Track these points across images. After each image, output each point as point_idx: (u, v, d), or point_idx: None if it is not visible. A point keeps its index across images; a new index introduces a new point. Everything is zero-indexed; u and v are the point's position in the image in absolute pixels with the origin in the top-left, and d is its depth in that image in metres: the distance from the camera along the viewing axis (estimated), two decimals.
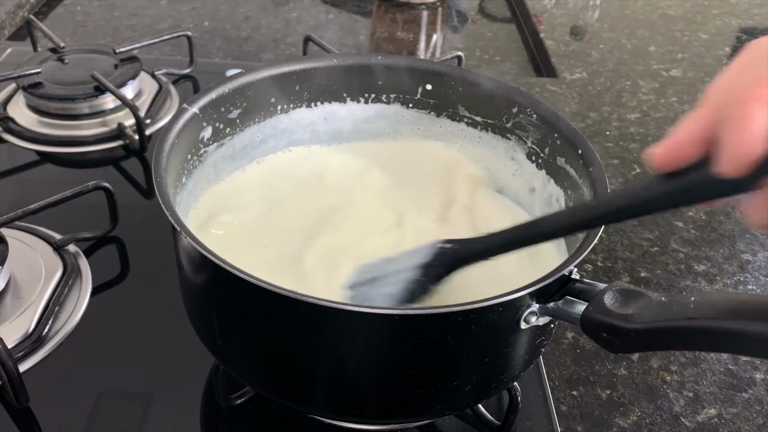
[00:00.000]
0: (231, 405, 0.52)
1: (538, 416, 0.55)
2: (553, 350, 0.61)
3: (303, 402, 0.47)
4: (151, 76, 0.91)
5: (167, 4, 1.19)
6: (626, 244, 0.74)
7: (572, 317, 0.41)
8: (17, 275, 0.61)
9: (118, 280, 0.64)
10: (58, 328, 0.58)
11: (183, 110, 0.52)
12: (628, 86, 1.03)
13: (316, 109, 0.61)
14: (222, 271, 0.39)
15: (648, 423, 0.56)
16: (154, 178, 0.45)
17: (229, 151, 0.58)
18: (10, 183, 0.76)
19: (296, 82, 0.59)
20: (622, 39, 1.18)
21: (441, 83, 0.60)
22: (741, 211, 0.78)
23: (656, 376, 0.60)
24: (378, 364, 0.43)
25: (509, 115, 0.58)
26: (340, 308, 0.38)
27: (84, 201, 0.65)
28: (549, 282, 0.40)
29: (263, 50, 1.08)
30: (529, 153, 0.58)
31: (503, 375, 0.46)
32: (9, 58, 0.95)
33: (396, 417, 0.47)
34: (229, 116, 0.56)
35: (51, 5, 1.17)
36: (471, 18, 1.27)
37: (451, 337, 0.41)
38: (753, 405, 0.58)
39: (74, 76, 0.84)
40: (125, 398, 0.54)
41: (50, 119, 0.82)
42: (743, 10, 1.32)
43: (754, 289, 0.70)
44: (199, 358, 0.54)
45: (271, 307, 0.41)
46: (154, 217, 0.70)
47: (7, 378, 0.51)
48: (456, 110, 0.61)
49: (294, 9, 1.22)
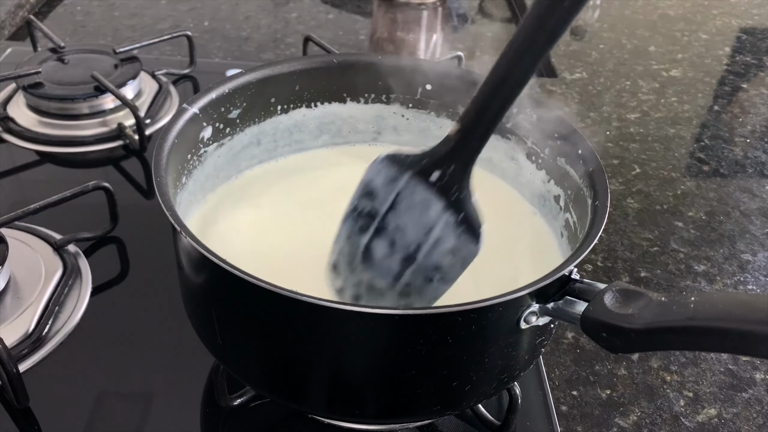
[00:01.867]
0: (231, 405, 0.52)
1: (538, 416, 0.55)
2: (553, 350, 0.61)
3: (303, 402, 0.47)
4: (151, 76, 0.91)
5: (167, 4, 1.19)
6: (626, 244, 0.74)
7: (572, 317, 0.41)
8: (17, 275, 0.61)
9: (118, 280, 0.64)
10: (58, 328, 0.58)
11: (183, 110, 0.52)
12: (628, 86, 1.03)
13: (316, 109, 0.61)
14: (222, 271, 0.39)
15: (648, 423, 0.56)
16: (154, 178, 0.45)
17: (230, 151, 0.58)
18: (10, 183, 0.76)
19: (296, 82, 0.59)
20: (622, 39, 1.18)
21: (441, 83, 0.60)
22: None
23: (656, 376, 0.60)
24: (378, 364, 0.43)
25: (509, 116, 0.58)
26: (340, 308, 0.38)
27: (84, 201, 0.65)
28: (549, 282, 0.40)
29: (263, 50, 1.08)
30: (529, 153, 0.58)
31: (503, 375, 0.46)
32: (9, 58, 0.95)
33: (396, 417, 0.47)
34: (229, 116, 0.56)
35: (51, 5, 1.17)
36: (471, 18, 1.27)
37: (451, 337, 0.41)
38: (753, 405, 0.58)
39: (74, 76, 0.84)
40: (125, 398, 0.54)
41: (50, 119, 0.82)
42: (743, 10, 1.32)
43: (754, 289, 0.70)
44: (199, 358, 0.54)
45: (271, 307, 0.41)
46: (154, 217, 0.70)
47: (7, 378, 0.51)
48: (456, 110, 0.61)
49: (294, 9, 1.22)
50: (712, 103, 1.02)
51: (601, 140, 0.91)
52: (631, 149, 0.89)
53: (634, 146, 0.90)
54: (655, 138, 0.92)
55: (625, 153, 0.89)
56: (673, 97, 1.02)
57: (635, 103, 0.99)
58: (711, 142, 0.93)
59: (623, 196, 0.81)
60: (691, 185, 0.84)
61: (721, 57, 1.14)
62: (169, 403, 0.54)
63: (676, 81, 1.06)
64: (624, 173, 0.85)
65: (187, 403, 0.54)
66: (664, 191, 0.83)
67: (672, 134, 0.93)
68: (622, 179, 0.84)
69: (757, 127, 0.97)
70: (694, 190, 0.84)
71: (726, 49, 1.17)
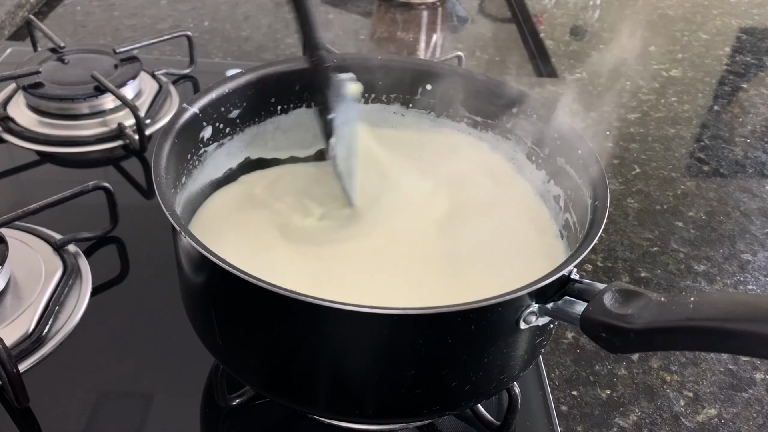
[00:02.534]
0: (231, 405, 0.52)
1: (538, 416, 0.55)
2: (554, 350, 0.61)
3: (302, 402, 0.47)
4: (151, 76, 0.91)
5: (167, 4, 1.19)
6: (626, 244, 0.74)
7: (571, 317, 0.41)
8: (17, 275, 0.61)
9: (118, 280, 0.64)
10: (58, 328, 0.58)
11: (183, 110, 0.52)
12: (628, 86, 1.03)
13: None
14: (222, 271, 0.39)
15: (648, 423, 0.56)
16: (154, 178, 0.45)
17: (230, 151, 0.58)
18: (10, 183, 0.76)
19: (296, 81, 0.59)
20: (622, 39, 1.17)
21: (441, 83, 0.60)
22: None
23: (656, 376, 0.60)
24: (377, 364, 0.43)
25: (509, 116, 0.58)
26: (340, 308, 0.38)
27: (84, 201, 0.65)
28: (548, 282, 0.40)
29: (263, 50, 1.08)
30: (529, 153, 0.58)
31: (502, 375, 0.46)
32: (9, 58, 0.95)
33: (395, 417, 0.47)
34: (229, 116, 0.56)
35: (51, 5, 1.17)
36: (471, 18, 1.27)
37: (451, 337, 0.41)
38: (753, 405, 0.58)
39: (74, 76, 0.85)
40: (125, 398, 0.54)
41: (50, 119, 0.82)
42: (743, 10, 1.32)
43: (754, 289, 0.70)
44: (199, 358, 0.54)
45: (270, 307, 0.41)
46: (155, 217, 0.70)
47: (7, 378, 0.51)
48: (456, 110, 0.61)
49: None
50: (712, 103, 1.02)
51: (601, 140, 0.91)
52: (631, 149, 0.89)
53: (634, 146, 0.90)
54: (655, 138, 0.92)
55: (625, 153, 0.89)
56: (673, 97, 1.02)
57: (635, 103, 0.99)
58: (711, 142, 0.93)
59: (623, 196, 0.81)
60: (691, 185, 0.84)
61: (721, 57, 1.15)
62: (169, 403, 0.54)
63: (676, 81, 1.06)
64: (624, 173, 0.85)
65: (186, 403, 0.54)
66: (664, 191, 0.83)
67: (672, 134, 0.93)
68: (622, 179, 0.84)
69: (757, 127, 0.97)
70: (694, 190, 0.84)
71: (726, 49, 1.17)
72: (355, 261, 0.52)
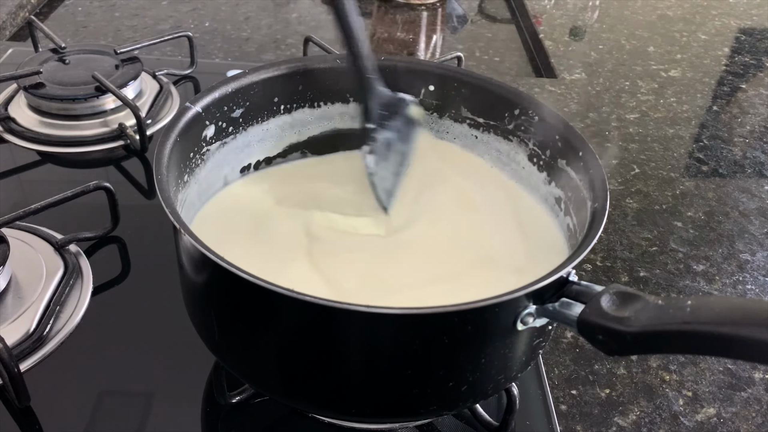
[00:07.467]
0: (231, 403, 0.53)
1: (537, 415, 0.55)
2: (553, 349, 0.62)
3: (302, 401, 0.47)
4: (152, 76, 0.91)
5: (168, 5, 1.19)
6: (625, 244, 0.74)
7: (569, 319, 0.41)
8: (18, 275, 0.61)
9: (119, 279, 0.65)
10: (59, 328, 0.58)
11: (186, 109, 0.52)
12: (627, 87, 1.04)
13: (319, 109, 0.61)
14: (222, 270, 0.40)
15: (647, 422, 0.57)
16: (155, 176, 0.45)
17: (232, 151, 0.58)
18: (11, 183, 0.76)
19: (300, 82, 0.59)
20: (621, 39, 1.18)
21: (444, 85, 0.60)
22: None
23: (655, 375, 0.61)
24: (375, 364, 0.43)
25: (511, 117, 0.58)
26: (339, 308, 0.38)
27: (85, 201, 0.65)
28: (546, 284, 0.40)
29: (264, 51, 1.08)
30: (531, 155, 0.58)
31: (500, 376, 0.46)
32: (10, 58, 0.95)
33: (392, 416, 0.47)
34: (231, 115, 0.56)
35: (52, 6, 1.17)
36: (471, 18, 1.28)
37: (448, 337, 0.41)
38: (752, 404, 0.59)
39: (75, 77, 0.85)
40: (126, 397, 0.55)
41: (51, 119, 0.83)
42: (742, 10, 1.32)
43: (753, 288, 0.71)
44: (200, 357, 0.54)
45: (270, 307, 0.42)
46: (155, 217, 0.70)
47: (8, 377, 0.51)
48: (459, 112, 0.61)
49: (294, 9, 1.22)
50: (711, 104, 1.02)
51: (601, 141, 0.91)
52: (631, 149, 0.90)
53: (634, 146, 0.90)
54: (654, 138, 0.92)
55: (624, 153, 0.89)
56: (672, 97, 1.02)
57: (634, 104, 0.99)
58: (710, 142, 0.93)
59: (622, 196, 0.81)
60: (690, 185, 0.85)
61: (720, 57, 1.15)
62: (170, 401, 0.55)
63: (675, 81, 1.06)
64: (623, 173, 0.85)
65: (187, 401, 0.55)
66: (663, 191, 0.83)
67: (671, 134, 0.94)
68: (621, 179, 0.84)
69: (756, 128, 0.97)
70: (693, 190, 0.84)
71: (725, 50, 1.17)
72: (359, 260, 0.52)
